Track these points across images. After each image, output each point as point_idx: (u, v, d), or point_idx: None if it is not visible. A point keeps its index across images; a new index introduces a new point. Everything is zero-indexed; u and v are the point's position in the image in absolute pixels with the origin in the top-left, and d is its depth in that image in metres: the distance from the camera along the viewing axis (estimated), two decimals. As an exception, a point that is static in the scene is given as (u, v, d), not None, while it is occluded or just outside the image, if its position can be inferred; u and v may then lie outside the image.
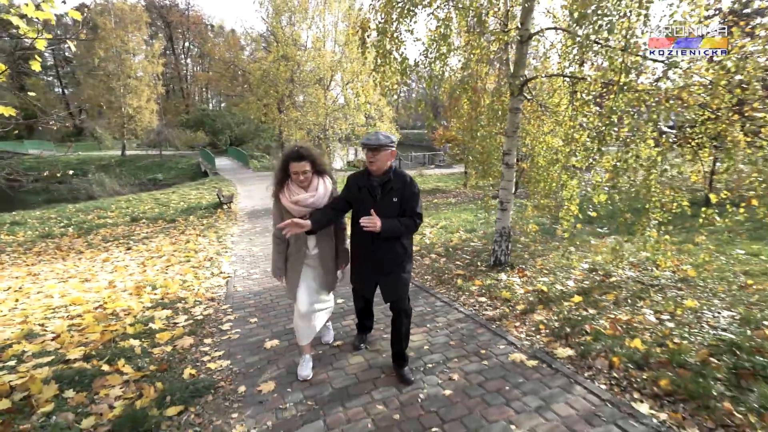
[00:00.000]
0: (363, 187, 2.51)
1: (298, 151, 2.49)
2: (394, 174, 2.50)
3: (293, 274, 2.70)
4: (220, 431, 2.25)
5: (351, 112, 13.12)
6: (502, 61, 4.75)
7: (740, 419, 2.06)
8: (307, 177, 2.51)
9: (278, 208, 2.63)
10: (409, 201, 2.48)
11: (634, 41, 3.36)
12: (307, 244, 2.67)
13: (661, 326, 3.14)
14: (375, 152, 2.40)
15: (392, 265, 2.53)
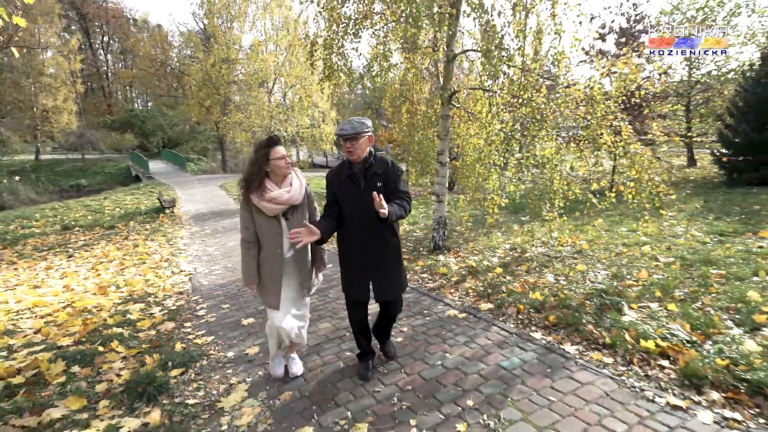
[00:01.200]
0: (345, 177, 2.43)
1: (276, 136, 2.38)
2: (374, 159, 2.43)
3: (269, 280, 2.48)
4: (220, 382, 2.78)
5: (295, 115, 13.50)
6: (434, 76, 5.59)
7: (598, 334, 3.02)
8: (288, 163, 2.38)
9: (248, 209, 2.40)
10: (395, 182, 2.41)
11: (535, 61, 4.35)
12: (282, 246, 2.46)
13: (557, 284, 4.14)
14: (353, 141, 2.31)
15: (386, 258, 2.48)
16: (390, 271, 2.50)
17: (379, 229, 2.39)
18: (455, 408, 2.31)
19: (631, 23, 15.45)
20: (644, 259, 4.74)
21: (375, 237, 2.42)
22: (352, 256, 2.52)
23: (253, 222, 2.42)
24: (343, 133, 2.30)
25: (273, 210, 2.36)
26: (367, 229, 2.38)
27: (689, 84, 18.90)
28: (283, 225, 2.45)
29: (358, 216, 2.39)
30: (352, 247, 2.51)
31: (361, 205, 2.34)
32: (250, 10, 12.98)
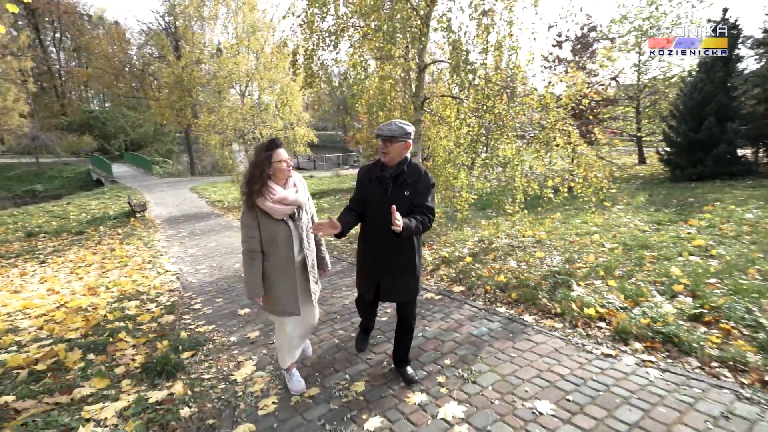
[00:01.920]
0: (375, 178, 2.38)
1: (277, 139, 2.33)
2: (408, 167, 2.35)
3: (285, 286, 2.38)
4: (229, 360, 3.14)
5: (269, 118, 13.68)
6: (407, 84, 6.09)
7: (551, 306, 3.60)
8: (290, 165, 2.33)
9: (253, 216, 2.28)
10: (422, 195, 2.33)
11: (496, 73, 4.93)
12: (293, 250, 2.37)
13: (519, 268, 4.73)
14: (388, 143, 2.26)
15: (399, 266, 2.42)
16: (400, 278, 2.43)
17: (398, 237, 2.25)
18: (435, 366, 2.79)
19: (584, 32, 16.63)
20: (593, 246, 5.42)
21: (392, 243, 2.36)
22: (368, 256, 2.50)
23: (259, 230, 2.30)
24: (380, 133, 2.26)
25: (282, 212, 2.28)
26: (386, 234, 2.26)
27: (638, 88, 20.42)
28: (291, 227, 2.36)
29: (379, 219, 2.29)
30: (369, 248, 2.48)
31: (384, 209, 2.21)
32: (221, 12, 13.06)
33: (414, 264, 2.46)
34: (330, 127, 56.11)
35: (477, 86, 4.88)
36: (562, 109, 4.97)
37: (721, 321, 3.05)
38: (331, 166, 35.75)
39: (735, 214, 6.57)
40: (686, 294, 3.57)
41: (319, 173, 29.36)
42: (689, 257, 4.57)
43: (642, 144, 20.30)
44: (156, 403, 2.52)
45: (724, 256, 4.46)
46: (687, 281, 3.79)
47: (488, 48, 4.86)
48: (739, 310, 3.13)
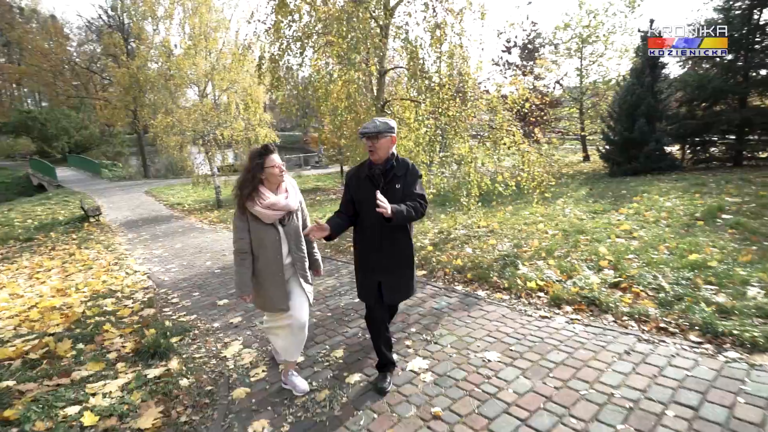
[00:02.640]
0: (365, 177, 2.40)
1: (271, 145, 2.37)
2: (396, 161, 2.38)
3: (273, 285, 2.43)
4: (216, 342, 3.43)
5: (230, 119, 13.65)
6: (369, 88, 6.52)
7: (500, 282, 4.17)
8: (282, 171, 2.38)
9: (243, 218, 2.37)
10: (411, 185, 2.36)
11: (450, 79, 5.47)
12: (281, 253, 2.44)
13: (473, 254, 5.30)
14: (374, 140, 2.28)
15: (399, 262, 2.43)
16: (402, 275, 2.45)
17: (395, 233, 2.33)
18: (403, 334, 3.25)
19: (530, 38, 17.83)
20: (538, 233, 6.12)
21: (390, 240, 2.37)
22: (366, 257, 2.47)
23: (249, 232, 2.37)
24: (365, 131, 2.28)
25: (271, 217, 2.34)
26: (383, 231, 2.32)
27: (581, 90, 22.03)
28: (280, 231, 2.43)
29: (375, 218, 2.26)
30: (366, 249, 2.46)
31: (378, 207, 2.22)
32: (177, 12, 12.86)
33: (411, 257, 2.48)
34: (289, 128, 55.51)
35: (433, 91, 5.40)
36: (508, 111, 5.61)
37: (633, 286, 3.74)
38: (292, 167, 35.54)
39: (657, 203, 7.56)
40: (609, 268, 4.27)
41: (280, 174, 29.12)
42: (616, 239, 5.33)
43: (586, 142, 21.97)
44: (155, 378, 2.80)
45: (643, 237, 5.25)
46: (611, 258, 4.49)
47: (442, 57, 5.41)
48: (647, 277, 3.84)
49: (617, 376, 2.45)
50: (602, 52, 22.47)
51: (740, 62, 14.22)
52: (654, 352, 2.70)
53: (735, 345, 2.70)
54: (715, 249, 4.49)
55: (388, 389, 2.53)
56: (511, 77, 17.56)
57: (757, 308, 3.05)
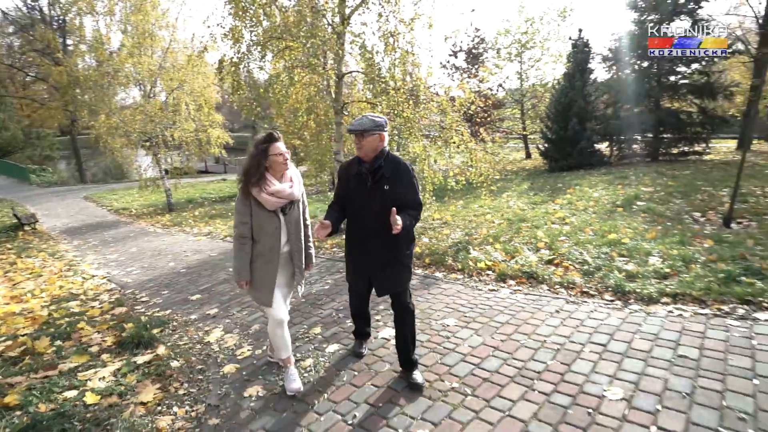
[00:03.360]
0: (355, 173, 2.40)
1: (276, 133, 2.36)
2: (385, 160, 2.33)
3: (265, 276, 2.44)
4: (197, 331, 3.64)
5: (180, 120, 13.32)
6: (328, 91, 6.85)
7: (454, 265, 4.71)
8: (286, 159, 2.36)
9: (246, 203, 2.36)
10: (406, 192, 2.33)
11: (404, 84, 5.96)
12: (280, 241, 2.45)
13: (430, 242, 5.82)
14: (360, 137, 2.25)
15: (388, 258, 2.40)
16: (389, 269, 2.42)
17: (382, 230, 2.27)
18: (373, 311, 3.66)
19: (474, 43, 18.92)
20: (486, 222, 6.79)
21: (378, 238, 2.35)
22: (356, 251, 2.50)
23: (251, 217, 2.39)
24: (352, 128, 2.27)
25: (274, 204, 2.36)
26: (371, 229, 2.33)
27: (521, 92, 23.59)
28: (281, 219, 2.45)
29: (363, 214, 2.34)
30: (356, 243, 2.49)
31: (367, 204, 2.31)
32: (118, 8, 12.30)
33: (403, 253, 2.44)
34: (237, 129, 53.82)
35: (389, 94, 5.85)
36: (456, 113, 6.20)
37: (563, 262, 4.42)
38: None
39: (587, 194, 8.55)
40: (545, 248, 4.95)
41: (232, 176, 28.41)
42: (551, 225, 6.09)
43: (528, 141, 23.57)
44: (146, 363, 3.00)
45: (573, 223, 6.05)
46: (547, 240, 5.20)
47: (395, 62, 5.89)
48: (575, 254, 4.55)
49: (549, 329, 3.03)
50: (539, 57, 24.20)
51: (654, 69, 16.06)
52: (578, 310, 3.32)
53: (637, 300, 3.40)
54: (629, 229, 5.34)
55: (364, 353, 2.85)
56: (458, 80, 18.53)
57: (654, 272, 3.81)
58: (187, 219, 11.71)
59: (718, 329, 2.81)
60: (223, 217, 11.36)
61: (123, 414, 2.35)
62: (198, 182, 24.32)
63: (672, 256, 4.14)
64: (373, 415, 2.25)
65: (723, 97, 15.06)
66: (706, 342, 2.66)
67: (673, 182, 9.03)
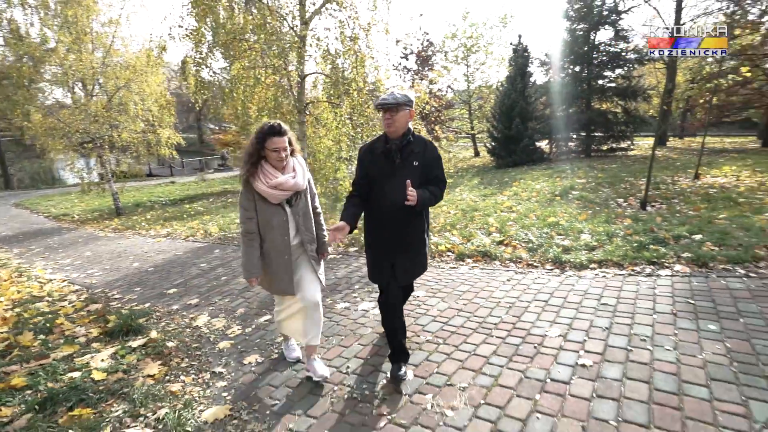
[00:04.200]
0: (380, 153, 2.30)
1: (278, 126, 2.26)
2: (413, 136, 2.30)
3: (280, 268, 2.39)
4: (182, 318, 3.83)
5: (127, 120, 12.82)
6: (292, 92, 7.11)
7: (418, 250, 5.21)
8: (287, 155, 2.29)
9: (250, 198, 2.30)
10: (434, 168, 2.32)
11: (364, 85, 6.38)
12: (288, 234, 2.39)
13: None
14: (393, 112, 2.19)
15: (413, 242, 2.38)
16: (416, 254, 2.41)
17: (410, 211, 2.24)
18: (349, 290, 4.06)
19: (424, 46, 19.76)
20: (443, 213, 7.39)
21: (405, 218, 2.29)
22: (379, 236, 2.40)
23: (256, 212, 2.33)
24: (384, 102, 2.19)
25: (277, 197, 2.29)
26: (398, 209, 2.24)
27: (468, 94, 24.83)
28: (288, 212, 2.39)
29: (389, 194, 2.26)
30: (380, 228, 2.37)
31: (394, 183, 2.24)
32: (53, 1, 11.58)
33: (425, 237, 2.44)
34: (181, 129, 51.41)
35: (350, 95, 6.25)
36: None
37: (512, 242, 5.06)
38: (191, 170, 33.37)
39: (530, 186, 9.45)
40: (496, 232, 5.59)
41: (181, 179, 27.31)
42: (501, 213, 6.80)
43: (476, 140, 24.87)
44: (141, 346, 3.18)
45: (519, 210, 6.80)
46: (497, 225, 5.86)
47: (357, 65, 6.30)
48: (521, 235, 5.22)
49: (502, 293, 3.60)
50: (484, 60, 25.60)
51: (584, 73, 17.68)
52: (525, 278, 3.93)
53: (571, 267, 4.08)
54: (565, 214, 6.14)
55: (404, 377, 2.40)
56: (410, 81, 19.26)
57: (585, 245, 4.54)
58: (139, 222, 11.35)
59: (631, 284, 3.52)
60: (179, 219, 11.15)
61: (135, 384, 2.57)
62: (143, 186, 23.21)
63: (599, 233, 4.92)
64: (364, 364, 2.66)
65: (642, 99, 16.92)
66: (621, 293, 3.34)
67: (602, 174, 10.23)
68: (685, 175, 9.25)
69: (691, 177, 8.85)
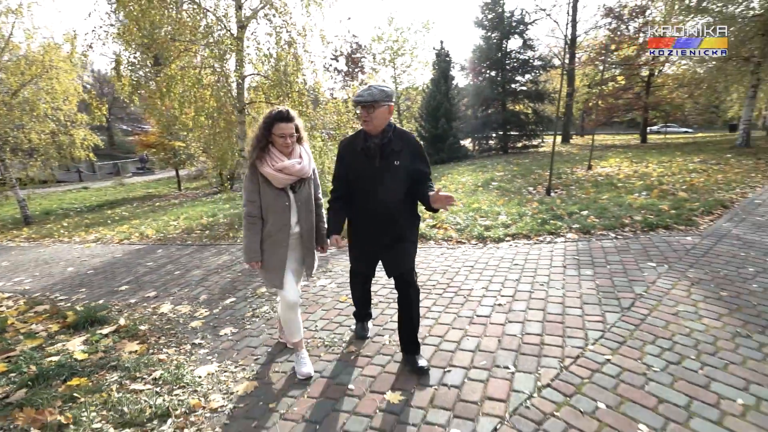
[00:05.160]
0: (359, 150, 2.24)
1: (285, 112, 2.25)
2: (393, 133, 2.22)
3: (275, 258, 2.38)
4: (144, 309, 4.00)
5: (33, 120, 11.74)
6: (231, 93, 7.27)
7: (362, 236, 5.80)
8: (293, 141, 2.29)
9: (254, 180, 2.30)
10: (417, 163, 2.24)
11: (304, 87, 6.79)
12: (290, 220, 2.38)
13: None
14: (369, 109, 2.12)
15: (398, 236, 2.31)
16: (401, 248, 2.32)
17: (393, 209, 2.23)
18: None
19: (353, 49, 20.40)
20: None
21: (388, 216, 2.26)
22: (363, 233, 2.38)
23: (259, 195, 2.32)
24: (360, 99, 2.11)
25: (282, 181, 2.28)
26: (382, 208, 2.23)
27: (396, 95, 25.95)
28: (291, 198, 2.37)
29: (371, 193, 2.23)
30: (363, 225, 2.35)
31: (377, 180, 2.20)
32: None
33: (411, 231, 2.38)
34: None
35: (290, 96, 6.63)
36: (349, 113, 7.28)
37: (443, 225, 5.86)
38: (105, 175, 30.59)
39: (457, 179, 10.51)
40: (430, 218, 6.36)
41: (94, 184, 25.02)
42: (432, 202, 7.63)
43: (405, 139, 26.08)
44: (112, 332, 3.36)
45: (448, 199, 7.69)
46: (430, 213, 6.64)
47: (294, 69, 6.70)
48: (451, 219, 6.04)
49: (437, 264, 4.32)
50: (410, 63, 26.91)
51: (499, 78, 19.51)
52: (455, 251, 4.71)
53: (491, 241, 4.95)
54: (486, 201, 7.13)
55: (368, 335, 2.81)
56: (341, 82, 19.76)
57: (502, 224, 5.47)
58: (57, 230, 10.52)
59: (535, 250, 4.45)
60: (104, 225, 10.54)
61: (122, 358, 2.82)
62: (50, 192, 20.99)
63: (513, 214, 5.91)
64: (329, 323, 3.18)
65: (548, 101, 19.16)
66: (528, 256, 4.24)
67: (517, 168, 11.65)
68: (582, 167, 10.94)
69: (586, 168, 10.52)
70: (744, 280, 3.27)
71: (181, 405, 2.23)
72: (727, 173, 8.42)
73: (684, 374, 2.17)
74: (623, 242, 4.42)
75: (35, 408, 2.21)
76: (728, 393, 2.01)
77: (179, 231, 8.13)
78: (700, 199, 5.94)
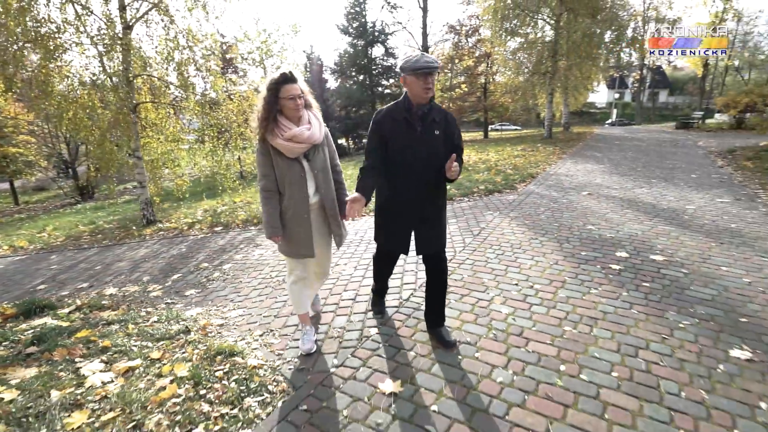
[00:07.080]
0: (402, 119, 2.22)
1: (289, 73, 2.15)
2: (433, 104, 2.24)
3: (300, 229, 2.31)
4: (84, 296, 4.25)
5: None
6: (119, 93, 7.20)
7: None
8: (302, 102, 2.22)
9: (266, 153, 2.24)
10: (458, 138, 2.30)
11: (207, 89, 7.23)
12: (306, 190, 2.30)
13: (245, 213, 7.46)
14: (434, 76, 2.12)
15: (434, 210, 2.32)
16: (437, 224, 2.34)
17: (432, 180, 2.24)
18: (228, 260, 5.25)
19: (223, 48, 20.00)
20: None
21: (426, 187, 2.26)
22: (399, 206, 2.30)
23: (273, 168, 2.26)
24: (434, 65, 2.07)
25: (294, 150, 2.22)
26: (420, 178, 2.23)
27: (270, 96, 26.14)
28: (305, 166, 2.30)
29: (411, 163, 2.22)
30: (400, 197, 2.28)
31: (416, 151, 2.20)
32: None
33: (445, 209, 2.40)
34: None
35: (195, 100, 7.04)
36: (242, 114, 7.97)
37: (344, 205, 7.09)
38: None
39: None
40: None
41: None
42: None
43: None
44: (74, 310, 3.66)
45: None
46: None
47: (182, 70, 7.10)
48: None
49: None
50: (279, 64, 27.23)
51: (367, 81, 21.54)
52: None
53: (385, 211, 6.41)
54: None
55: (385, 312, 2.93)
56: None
57: (390, 199, 6.99)
58: None
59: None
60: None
61: (109, 317, 3.31)
62: None
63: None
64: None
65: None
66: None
67: (391, 160, 13.54)
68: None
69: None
70: (538, 215, 5.36)
71: (194, 325, 3.01)
72: (537, 156, 11.66)
73: (504, 258, 3.87)
74: (473, 202, 6.34)
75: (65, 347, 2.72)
76: (525, 259, 3.75)
77: (62, 239, 7.62)
78: (520, 174, 8.45)
